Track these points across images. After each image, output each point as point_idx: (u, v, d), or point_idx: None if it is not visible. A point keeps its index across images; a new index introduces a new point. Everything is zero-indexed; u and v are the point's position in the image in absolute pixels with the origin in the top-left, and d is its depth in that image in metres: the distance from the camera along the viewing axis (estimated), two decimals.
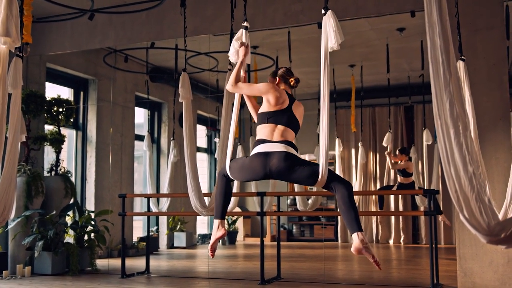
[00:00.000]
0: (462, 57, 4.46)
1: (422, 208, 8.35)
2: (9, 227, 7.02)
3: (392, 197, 10.63)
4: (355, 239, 3.22)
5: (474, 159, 2.30)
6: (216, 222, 3.76)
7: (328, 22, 3.38)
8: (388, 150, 8.92)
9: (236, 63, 3.82)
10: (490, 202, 2.35)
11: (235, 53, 3.85)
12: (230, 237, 11.23)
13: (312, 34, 7.10)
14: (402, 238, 10.54)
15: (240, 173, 3.62)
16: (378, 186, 10.62)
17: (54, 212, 7.18)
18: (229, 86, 3.77)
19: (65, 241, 7.46)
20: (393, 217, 9.99)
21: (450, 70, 2.31)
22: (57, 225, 7.15)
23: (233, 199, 8.81)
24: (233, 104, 5.95)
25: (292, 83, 3.80)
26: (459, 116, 2.30)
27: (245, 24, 3.94)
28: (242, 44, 3.83)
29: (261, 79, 8.77)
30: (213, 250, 3.76)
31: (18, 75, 4.73)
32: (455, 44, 2.80)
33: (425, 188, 8.51)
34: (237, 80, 3.72)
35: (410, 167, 8.74)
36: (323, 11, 3.39)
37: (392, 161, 8.82)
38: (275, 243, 6.92)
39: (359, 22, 7.29)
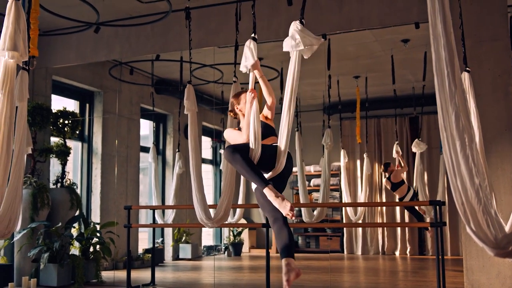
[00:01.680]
0: (467, 68, 4.46)
1: (428, 219, 8.31)
2: (15, 239, 7.03)
3: (397, 208, 10.59)
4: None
5: (480, 171, 2.30)
6: (268, 190, 3.58)
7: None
8: (398, 150, 8.94)
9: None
10: (497, 215, 2.34)
11: (250, 57, 3.88)
12: (235, 248, 11.20)
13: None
14: (408, 250, 10.48)
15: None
16: (384, 198, 10.59)
17: (60, 224, 7.18)
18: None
19: (70, 253, 7.46)
20: (399, 229, 9.94)
21: (455, 82, 2.31)
22: (63, 237, 7.15)
23: (238, 210, 8.82)
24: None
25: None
26: (464, 128, 2.30)
27: (254, 35, 3.98)
28: (251, 90, 3.90)
29: None
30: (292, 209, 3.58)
31: (24, 88, 4.76)
32: (460, 56, 2.80)
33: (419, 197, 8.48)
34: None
35: (397, 175, 8.80)
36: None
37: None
38: None
39: (364, 33, 7.31)
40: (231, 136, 4.20)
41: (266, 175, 3.74)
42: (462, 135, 2.31)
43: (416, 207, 8.51)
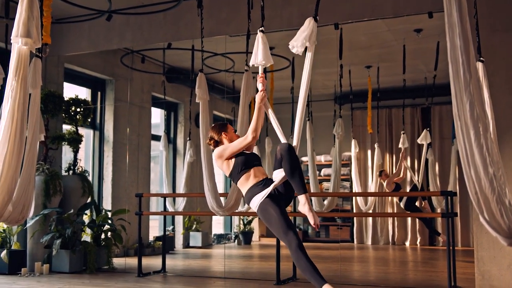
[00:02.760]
0: (481, 58, 4.42)
1: (439, 210, 8.28)
2: (27, 225, 7.10)
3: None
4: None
5: (494, 160, 2.29)
6: (302, 197, 3.63)
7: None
8: (402, 151, 8.89)
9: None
10: (511, 204, 2.33)
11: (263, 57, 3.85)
12: (245, 237, 11.25)
13: (329, 35, 7.08)
14: (418, 240, 10.47)
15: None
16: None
17: (72, 211, 7.25)
18: (250, 134, 3.83)
19: (82, 239, 7.53)
20: (409, 219, 9.91)
21: (470, 71, 2.30)
22: (75, 224, 7.22)
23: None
24: (249, 104, 5.98)
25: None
26: (479, 117, 2.29)
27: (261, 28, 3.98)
28: (261, 82, 3.85)
29: (277, 80, 8.78)
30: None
31: (38, 75, 4.79)
32: (474, 45, 2.78)
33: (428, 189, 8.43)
34: (255, 128, 3.80)
35: (390, 183, 8.81)
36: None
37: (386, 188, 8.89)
38: None
39: (376, 23, 7.26)
40: (234, 146, 3.87)
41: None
42: (476, 124, 2.29)
43: (417, 203, 8.44)
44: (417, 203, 8.39)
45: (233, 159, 3.83)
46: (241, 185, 3.80)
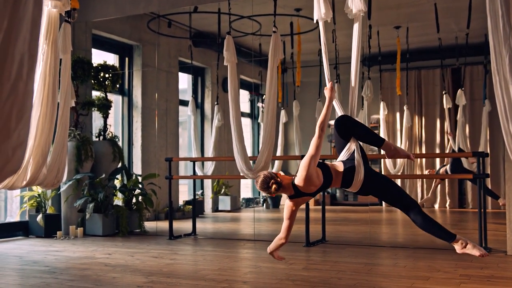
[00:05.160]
0: None
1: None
2: (61, 189, 7.26)
3: (437, 160, 10.48)
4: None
5: None
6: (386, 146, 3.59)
7: None
8: (449, 131, 8.76)
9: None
10: None
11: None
12: (273, 201, 11.33)
13: None
14: (448, 203, 10.41)
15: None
16: (423, 150, 10.47)
17: (103, 176, 7.37)
18: (316, 133, 3.35)
19: (114, 203, 7.67)
20: (446, 181, 9.83)
21: (510, 23, 2.22)
22: (107, 188, 7.35)
23: (276, 163, 8.87)
24: (277, 68, 5.93)
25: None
26: None
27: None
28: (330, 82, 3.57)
29: (304, 42, 8.67)
30: None
31: (68, 40, 4.83)
32: None
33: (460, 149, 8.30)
34: (323, 125, 3.35)
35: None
36: None
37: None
38: (319, 207, 6.95)
39: None
40: (309, 155, 3.31)
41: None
42: None
43: (466, 166, 8.27)
44: (466, 167, 8.25)
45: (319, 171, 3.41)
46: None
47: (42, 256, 5.64)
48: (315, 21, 3.78)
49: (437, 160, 10.43)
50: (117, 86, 8.20)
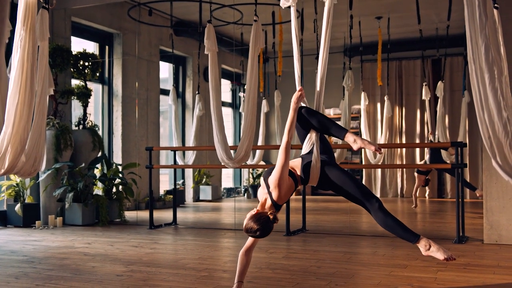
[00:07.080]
0: (496, 5, 4.31)
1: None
2: (40, 179, 7.18)
3: (417, 151, 10.57)
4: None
5: (509, 105, 2.26)
6: (349, 136, 3.31)
7: None
8: (430, 131, 8.83)
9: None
10: None
11: None
12: (254, 190, 11.35)
13: None
14: (427, 193, 10.53)
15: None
16: (404, 140, 10.55)
17: (83, 165, 7.31)
18: (282, 143, 3.30)
19: (94, 193, 7.62)
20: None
21: (486, 13, 2.25)
22: (86, 178, 7.29)
23: (257, 152, 8.87)
24: (258, 57, 5.92)
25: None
26: (494, 60, 2.25)
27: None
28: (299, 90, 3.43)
29: (286, 32, 8.64)
30: None
31: (45, 27, 4.76)
32: None
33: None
34: (292, 134, 3.31)
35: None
36: None
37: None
38: (300, 196, 6.97)
39: None
40: (278, 164, 3.26)
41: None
42: (491, 67, 2.26)
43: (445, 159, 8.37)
44: (445, 158, 8.34)
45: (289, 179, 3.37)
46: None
47: (21, 245, 5.59)
48: (281, 6, 3.72)
49: (417, 150, 10.54)
50: (97, 74, 8.12)
